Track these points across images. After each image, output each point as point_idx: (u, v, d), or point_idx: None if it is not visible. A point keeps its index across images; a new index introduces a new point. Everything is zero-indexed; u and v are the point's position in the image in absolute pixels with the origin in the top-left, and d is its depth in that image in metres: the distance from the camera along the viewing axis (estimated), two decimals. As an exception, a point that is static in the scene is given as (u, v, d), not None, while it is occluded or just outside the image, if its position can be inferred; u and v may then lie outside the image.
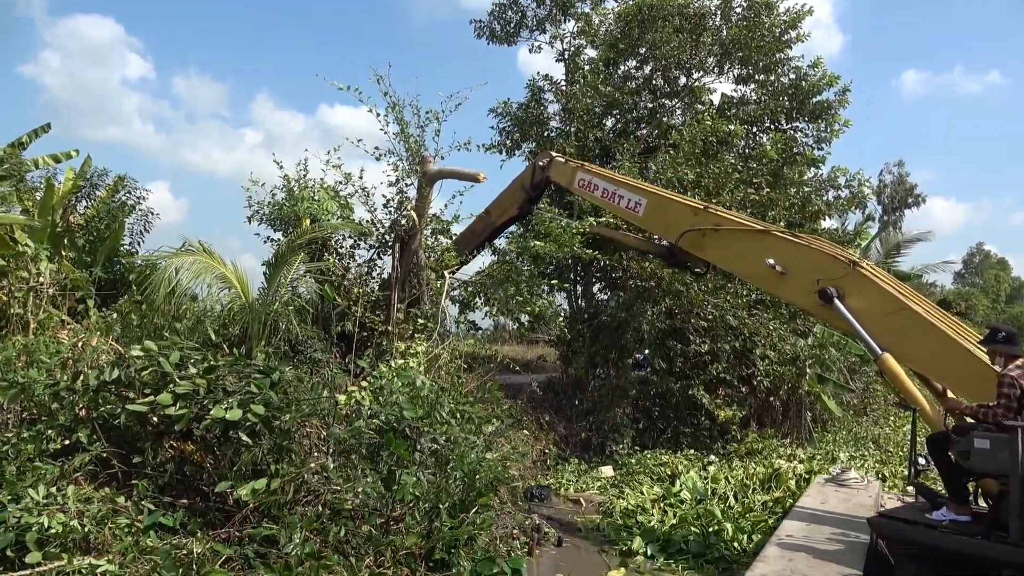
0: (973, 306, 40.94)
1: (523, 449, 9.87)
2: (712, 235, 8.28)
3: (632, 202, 9.28)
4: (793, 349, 14.52)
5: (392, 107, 10.13)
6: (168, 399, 5.80)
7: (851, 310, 6.85)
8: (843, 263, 7.04)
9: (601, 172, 10.14)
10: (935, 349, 6.28)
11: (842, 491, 8.50)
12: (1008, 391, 5.04)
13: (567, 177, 10.48)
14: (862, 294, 6.85)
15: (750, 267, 7.94)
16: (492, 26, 17.42)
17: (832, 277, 7.01)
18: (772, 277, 7.54)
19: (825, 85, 15.21)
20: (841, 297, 6.93)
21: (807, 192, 13.80)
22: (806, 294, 7.24)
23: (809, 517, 7.23)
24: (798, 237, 7.67)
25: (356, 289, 9.92)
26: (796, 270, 7.32)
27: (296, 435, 6.42)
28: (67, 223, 13.42)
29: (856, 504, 7.73)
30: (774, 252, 7.48)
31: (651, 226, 9.38)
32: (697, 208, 8.64)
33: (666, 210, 8.93)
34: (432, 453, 7.07)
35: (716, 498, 8.95)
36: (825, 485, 8.90)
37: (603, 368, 15.16)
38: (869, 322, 6.73)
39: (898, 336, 6.55)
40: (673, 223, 8.76)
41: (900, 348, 6.54)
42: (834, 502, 7.90)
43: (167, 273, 7.59)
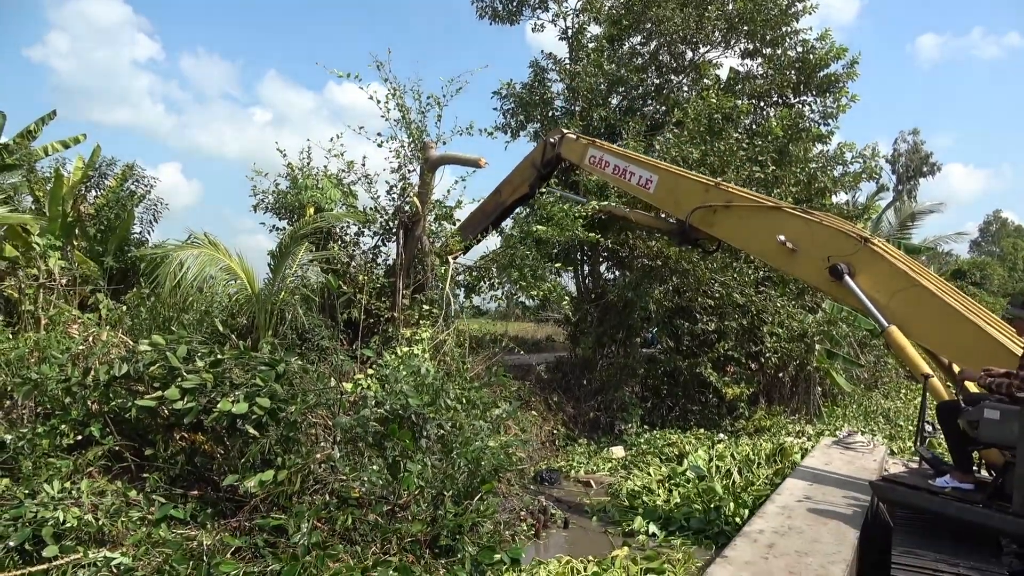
0: (988, 275, 40.40)
1: (526, 436, 9.96)
2: (723, 212, 8.29)
3: (643, 179, 9.29)
4: (801, 325, 14.50)
5: (393, 93, 10.11)
6: (176, 394, 5.93)
7: (862, 287, 6.89)
8: (854, 239, 7.04)
9: (612, 149, 10.13)
10: (946, 327, 6.31)
11: (847, 453, 8.57)
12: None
13: (578, 154, 10.50)
14: (872, 271, 6.87)
15: (761, 244, 7.97)
16: (494, 5, 17.22)
17: (843, 254, 7.02)
18: (783, 254, 7.55)
19: (833, 58, 14.96)
20: (852, 274, 6.96)
21: (813, 169, 13.66)
22: (817, 271, 7.27)
23: (812, 477, 7.30)
24: (809, 214, 7.65)
25: (361, 276, 10.00)
26: (807, 247, 7.34)
27: (302, 425, 6.54)
28: (78, 213, 13.57)
29: (860, 467, 7.78)
30: (785, 229, 7.50)
31: (662, 203, 9.37)
32: (708, 185, 8.63)
33: (677, 187, 8.93)
34: (438, 439, 7.19)
35: (719, 474, 9.00)
36: (831, 447, 8.98)
37: (611, 347, 15.23)
38: (880, 299, 6.76)
39: (909, 313, 6.58)
40: (684, 200, 8.76)
41: (910, 325, 6.58)
42: (838, 463, 7.95)
43: (173, 266, 7.70)
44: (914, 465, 7.05)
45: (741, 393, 13.92)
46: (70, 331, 7.48)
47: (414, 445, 6.47)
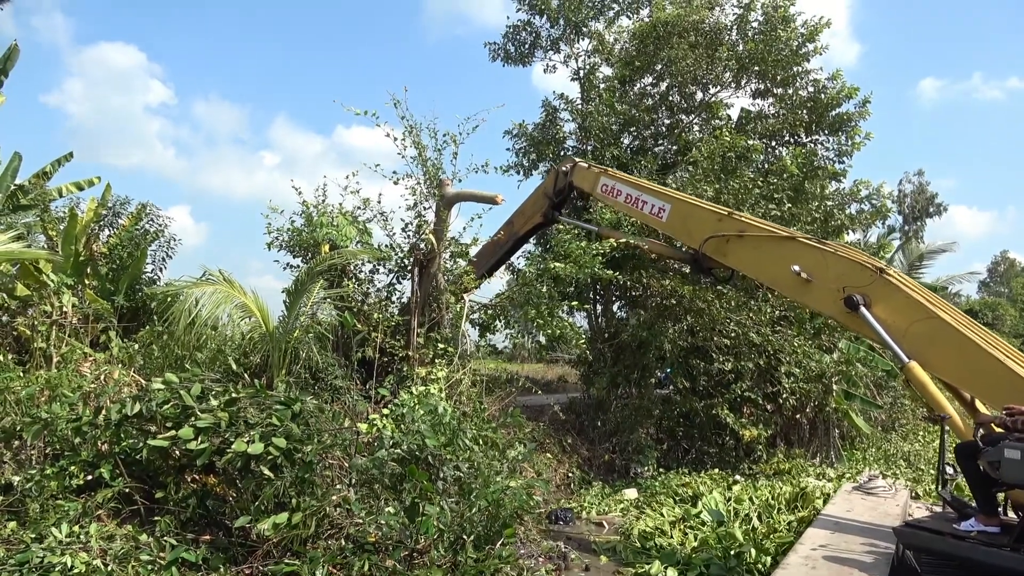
0: (1000, 316, 40.11)
1: (547, 475, 9.69)
2: (736, 241, 8.20)
3: (656, 207, 9.23)
4: (819, 365, 14.26)
5: (409, 130, 10.14)
6: (189, 433, 5.76)
7: (878, 318, 6.74)
8: (870, 270, 6.91)
9: (624, 177, 10.08)
10: (964, 358, 6.15)
11: (869, 499, 8.35)
12: None
13: (590, 182, 10.45)
14: (889, 302, 6.74)
15: (775, 274, 7.84)
16: (506, 47, 17.44)
17: (858, 285, 6.89)
18: (797, 284, 7.43)
19: (844, 97, 15.02)
20: (868, 305, 6.82)
21: (829, 206, 13.59)
22: (832, 302, 7.13)
23: (834, 525, 7.08)
24: (824, 244, 7.54)
25: (376, 314, 9.87)
26: (822, 277, 7.22)
27: (318, 467, 6.34)
28: (90, 252, 13.56)
29: (883, 513, 7.58)
30: (799, 259, 7.39)
31: (675, 232, 9.28)
32: (721, 214, 8.56)
33: (690, 216, 8.87)
34: (455, 481, 6.97)
35: (739, 519, 8.77)
36: (852, 493, 8.76)
37: (625, 388, 14.98)
38: (896, 330, 6.62)
39: (926, 345, 6.42)
40: (697, 229, 8.69)
41: (928, 357, 6.41)
42: (860, 510, 7.74)
43: (187, 303, 7.58)
44: (938, 509, 6.89)
45: (759, 435, 13.61)
46: (81, 369, 7.34)
47: (432, 487, 6.26)
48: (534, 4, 16.62)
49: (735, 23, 15.78)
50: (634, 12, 16.99)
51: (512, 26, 17.28)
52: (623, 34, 16.92)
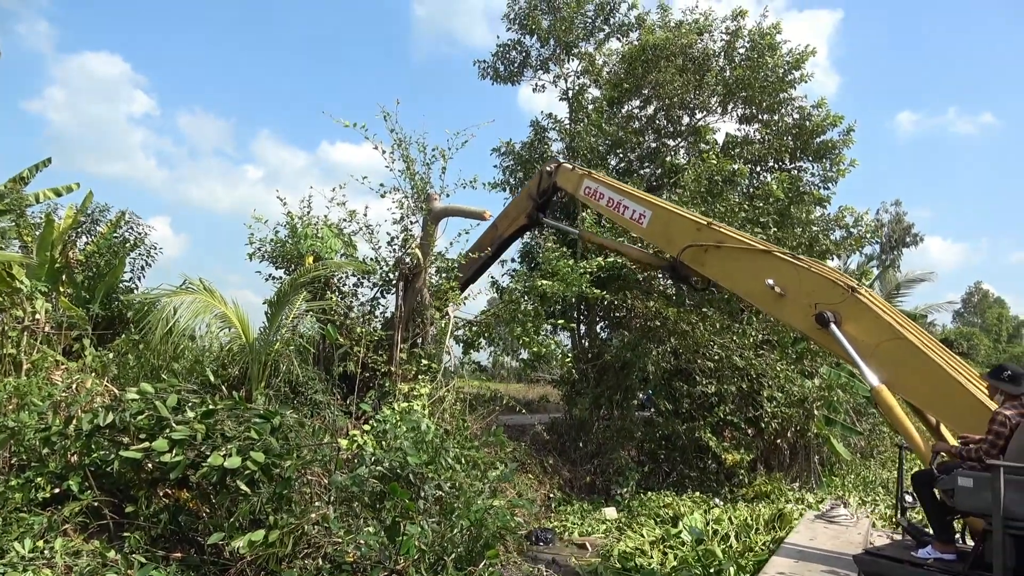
0: (975, 346, 40.74)
1: (530, 496, 9.53)
2: (714, 252, 8.29)
3: (637, 213, 9.30)
4: (801, 390, 14.27)
5: (398, 144, 10.04)
6: (164, 445, 5.55)
7: (847, 336, 6.84)
8: (841, 288, 7.01)
9: (607, 181, 10.14)
10: (928, 380, 6.24)
11: (831, 528, 8.39)
12: (998, 429, 4.98)
13: (573, 184, 10.50)
14: (859, 320, 6.83)
15: (749, 286, 7.93)
16: (495, 66, 17.51)
17: (830, 302, 7.00)
18: (771, 298, 7.54)
19: (829, 125, 15.19)
20: (838, 322, 6.92)
21: (815, 232, 13.67)
22: (804, 317, 7.22)
23: (798, 554, 7.11)
24: (799, 260, 7.63)
25: (359, 329, 9.70)
26: (795, 292, 7.32)
27: (296, 483, 6.15)
28: (66, 259, 13.27)
29: (845, 541, 7.61)
30: (774, 273, 7.49)
31: (654, 238, 9.37)
32: (700, 224, 8.62)
33: (670, 223, 8.94)
34: (436, 500, 6.80)
35: (718, 538, 8.75)
36: (815, 521, 8.79)
37: (607, 409, 14.87)
38: (864, 349, 6.70)
39: (892, 365, 6.52)
40: (676, 237, 8.77)
41: (894, 377, 6.51)
42: (823, 539, 7.78)
43: (165, 312, 7.37)
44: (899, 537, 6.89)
45: (742, 459, 13.55)
46: (53, 377, 7.09)
47: (413, 506, 6.09)
48: (525, 24, 16.71)
49: (723, 49, 15.94)
50: (624, 35, 17.13)
51: (502, 45, 17.37)
52: (612, 56, 17.03)
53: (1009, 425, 4.96)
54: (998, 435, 4.95)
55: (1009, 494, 4.64)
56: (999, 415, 5.02)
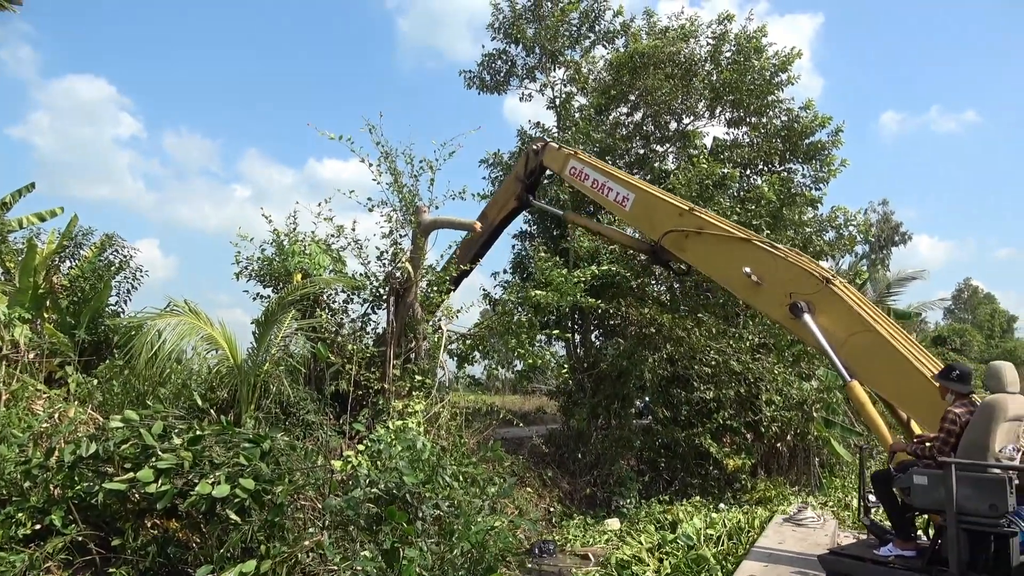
0: (968, 342, 40.70)
1: (533, 515, 9.34)
2: (695, 237, 8.35)
3: (620, 196, 9.32)
4: (800, 393, 14.14)
5: (385, 156, 9.87)
6: (149, 475, 5.33)
7: (820, 327, 6.94)
8: (816, 279, 7.10)
9: (593, 162, 10.15)
10: (896, 373, 6.37)
11: (799, 530, 8.54)
12: (949, 427, 5.14)
13: (559, 163, 10.54)
14: (831, 312, 6.94)
15: (727, 273, 8.01)
16: (481, 76, 17.40)
17: (804, 292, 7.12)
18: (747, 286, 7.64)
19: (818, 126, 15.14)
20: (811, 312, 7.04)
21: (808, 233, 13.59)
22: (778, 306, 7.34)
23: (767, 557, 7.24)
24: (777, 249, 7.68)
25: (350, 346, 9.49)
26: (771, 281, 7.42)
27: (289, 509, 5.94)
28: (50, 284, 13.01)
29: (813, 543, 7.73)
30: (752, 261, 7.58)
31: (636, 222, 9.38)
32: (682, 209, 8.65)
33: (652, 208, 8.97)
34: (435, 520, 6.60)
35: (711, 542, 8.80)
36: (783, 525, 8.93)
37: (605, 419, 14.70)
38: (836, 340, 6.83)
39: (862, 357, 6.65)
40: (658, 222, 8.81)
41: (863, 369, 6.64)
42: (791, 542, 7.90)
43: (150, 335, 7.14)
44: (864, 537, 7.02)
45: (743, 464, 13.40)
46: (34, 407, 6.85)
47: (413, 529, 5.88)
48: (510, 33, 16.63)
49: (709, 54, 15.88)
50: (610, 42, 17.08)
51: (488, 55, 17.28)
52: (598, 64, 16.96)
53: (959, 423, 5.11)
54: (949, 433, 5.11)
55: (961, 490, 4.78)
56: (949, 413, 5.18)
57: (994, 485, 4.72)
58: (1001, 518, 4.66)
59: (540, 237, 16.62)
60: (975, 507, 4.74)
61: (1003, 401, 5.05)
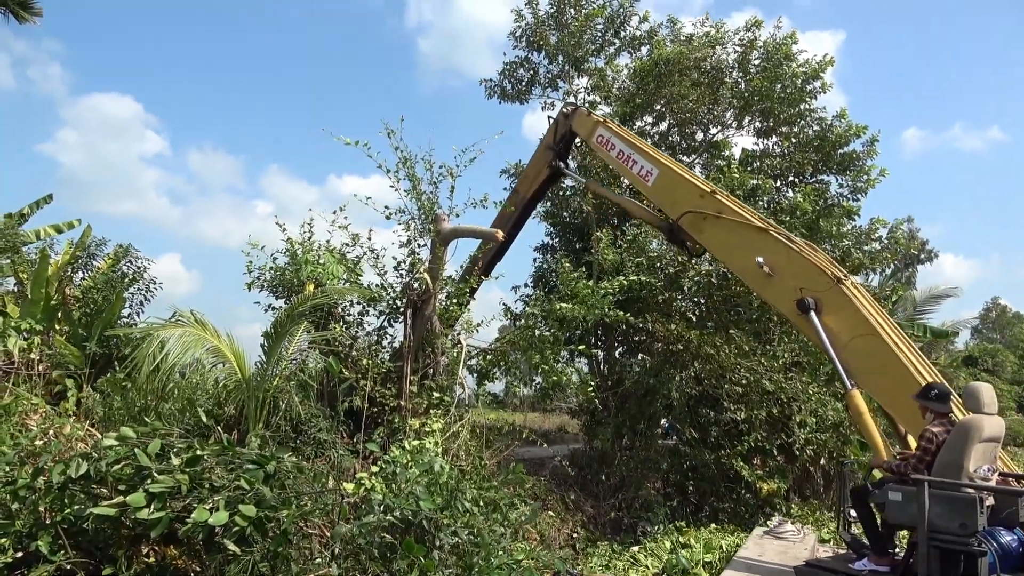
0: (1001, 363, 39.44)
1: (551, 535, 8.80)
2: (713, 221, 8.27)
3: (644, 170, 9.21)
4: (837, 414, 13.46)
5: (404, 162, 9.41)
6: (141, 500, 4.85)
7: (825, 326, 6.93)
8: (828, 277, 7.07)
9: (621, 132, 9.96)
10: (895, 380, 6.37)
11: (779, 543, 8.62)
12: (926, 445, 5.20)
13: (587, 129, 10.41)
14: (839, 312, 6.91)
15: (740, 261, 7.95)
16: (503, 84, 17.04)
17: (814, 289, 7.09)
18: (759, 276, 7.59)
19: (852, 136, 14.57)
20: (818, 310, 7.02)
21: (846, 245, 12.97)
22: (787, 300, 7.30)
23: (746, 567, 7.32)
24: (793, 242, 7.56)
25: (365, 360, 9.01)
26: (782, 274, 7.39)
27: (295, 537, 5.44)
28: (63, 296, 12.74)
29: (792, 556, 7.76)
30: (767, 251, 7.54)
31: (657, 198, 9.27)
32: (704, 191, 8.54)
33: (675, 185, 8.87)
34: (453, 548, 6.07)
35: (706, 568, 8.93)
36: (763, 537, 8.98)
37: (630, 439, 14.09)
38: (839, 341, 6.82)
39: (862, 361, 6.65)
40: (678, 200, 8.74)
41: (861, 372, 6.67)
42: (771, 554, 7.97)
43: (152, 347, 6.71)
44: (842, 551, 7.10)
45: (778, 488, 12.74)
46: (28, 423, 6.43)
47: (433, 564, 5.36)
48: (532, 41, 16.26)
49: (737, 61, 15.40)
50: (635, 49, 16.64)
51: (509, 63, 16.90)
52: (623, 71, 16.53)
53: (936, 442, 5.19)
54: (925, 451, 5.20)
55: (933, 507, 4.85)
56: (927, 432, 5.25)
57: (965, 504, 4.77)
58: (971, 537, 4.71)
59: (562, 250, 16.14)
60: (946, 525, 4.79)
61: (979, 422, 5.08)
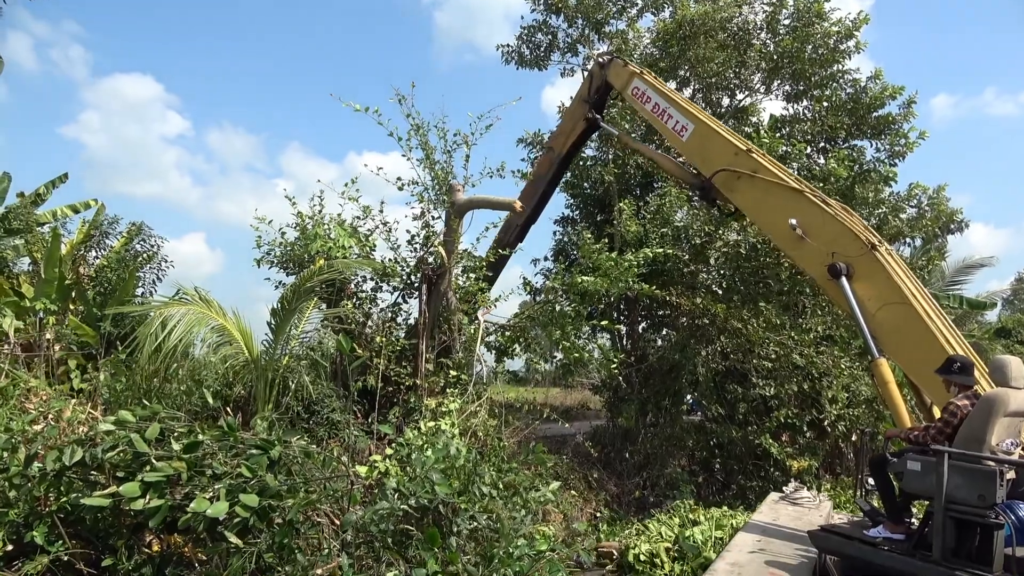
0: (1033, 334, 38.21)
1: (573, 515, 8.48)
2: (747, 180, 8.08)
3: (679, 124, 9.02)
4: (870, 389, 12.93)
5: (416, 129, 8.95)
6: (135, 489, 4.55)
7: (855, 293, 6.79)
8: (862, 242, 6.88)
9: (657, 85, 9.72)
10: (921, 350, 6.27)
11: (793, 508, 8.55)
12: (949, 418, 5.17)
13: (622, 81, 10.18)
14: (871, 279, 6.77)
15: (772, 222, 7.80)
16: (520, 50, 16.37)
17: (848, 254, 6.95)
18: (791, 238, 7.43)
19: (888, 98, 13.77)
20: (850, 276, 6.89)
21: (883, 212, 12.32)
22: (818, 264, 7.16)
23: (761, 531, 7.29)
24: (828, 205, 7.34)
25: (378, 338, 8.66)
26: (816, 237, 7.23)
27: (303, 527, 5.13)
28: (76, 275, 12.55)
29: (807, 522, 7.69)
30: (801, 213, 7.37)
31: (690, 154, 9.01)
32: (739, 148, 8.32)
33: (710, 142, 8.66)
34: (471, 534, 5.74)
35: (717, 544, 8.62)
36: (778, 502, 8.90)
37: (654, 416, 13.71)
38: (868, 309, 6.71)
39: (891, 328, 6.54)
40: (713, 157, 8.54)
41: (890, 341, 6.57)
42: (786, 519, 7.91)
43: (154, 326, 6.39)
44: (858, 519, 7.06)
45: (809, 466, 12.30)
46: (27, 406, 6.16)
47: (457, 555, 5.04)
48: (550, 3, 15.55)
49: (765, 21, 14.64)
50: (658, 10, 15.86)
51: (527, 27, 16.21)
52: (646, 34, 15.82)
53: (959, 415, 5.15)
54: (947, 423, 5.17)
55: (953, 479, 4.83)
56: (951, 405, 5.22)
57: (985, 476, 4.74)
58: (989, 509, 4.68)
59: (583, 222, 15.65)
60: (964, 497, 4.79)
61: (1004, 396, 5.01)
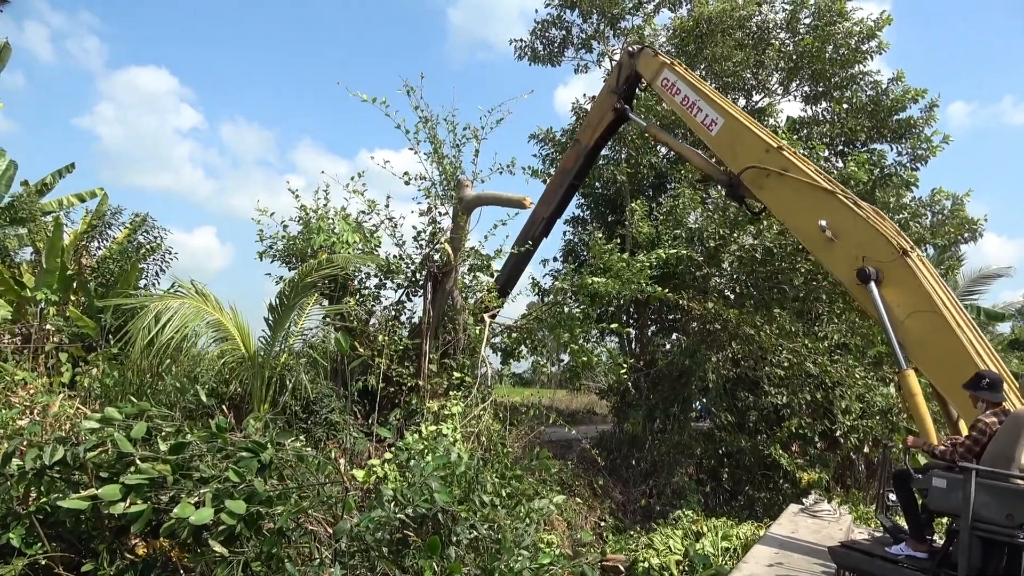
0: (1053, 348, 37.67)
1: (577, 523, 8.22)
2: (776, 178, 7.83)
3: (709, 118, 8.81)
4: (885, 400, 12.59)
5: (424, 122, 8.68)
6: (115, 492, 4.30)
7: (884, 299, 6.62)
8: (894, 247, 6.67)
9: (688, 77, 9.47)
10: (950, 361, 6.07)
11: (813, 521, 8.40)
12: (977, 436, 5.05)
13: (652, 71, 9.95)
14: (901, 285, 6.59)
15: (802, 222, 7.58)
16: (534, 45, 16.06)
17: (878, 259, 6.75)
18: (820, 239, 7.23)
19: (909, 100, 13.42)
20: (879, 281, 6.71)
21: (903, 218, 11.98)
22: (847, 267, 6.98)
23: (779, 544, 7.14)
24: (860, 208, 7.10)
25: (381, 337, 8.40)
26: (846, 239, 7.04)
27: (294, 534, 4.86)
28: (79, 266, 12.37)
29: (826, 535, 7.58)
30: (831, 214, 7.15)
31: (719, 149, 8.76)
32: (770, 145, 8.06)
33: (739, 137, 8.43)
34: (470, 544, 5.48)
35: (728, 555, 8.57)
36: (797, 515, 8.75)
37: (662, 422, 13.41)
38: (897, 316, 6.55)
39: (919, 338, 6.40)
40: (742, 153, 8.31)
41: (918, 351, 6.43)
42: (804, 532, 7.78)
43: (147, 320, 6.14)
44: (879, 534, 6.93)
45: (819, 478, 11.98)
46: (14, 400, 5.93)
47: (457, 566, 4.77)
48: (565, -2, 15.21)
49: (785, 20, 14.31)
50: (675, 6, 15.54)
51: (541, 22, 15.89)
52: (662, 31, 15.51)
53: (988, 432, 5.02)
54: (975, 441, 5.04)
55: (980, 497, 4.70)
56: (979, 422, 5.10)
57: (1014, 495, 4.63)
58: (1017, 529, 4.57)
59: (594, 222, 15.36)
60: (992, 515, 4.67)
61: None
